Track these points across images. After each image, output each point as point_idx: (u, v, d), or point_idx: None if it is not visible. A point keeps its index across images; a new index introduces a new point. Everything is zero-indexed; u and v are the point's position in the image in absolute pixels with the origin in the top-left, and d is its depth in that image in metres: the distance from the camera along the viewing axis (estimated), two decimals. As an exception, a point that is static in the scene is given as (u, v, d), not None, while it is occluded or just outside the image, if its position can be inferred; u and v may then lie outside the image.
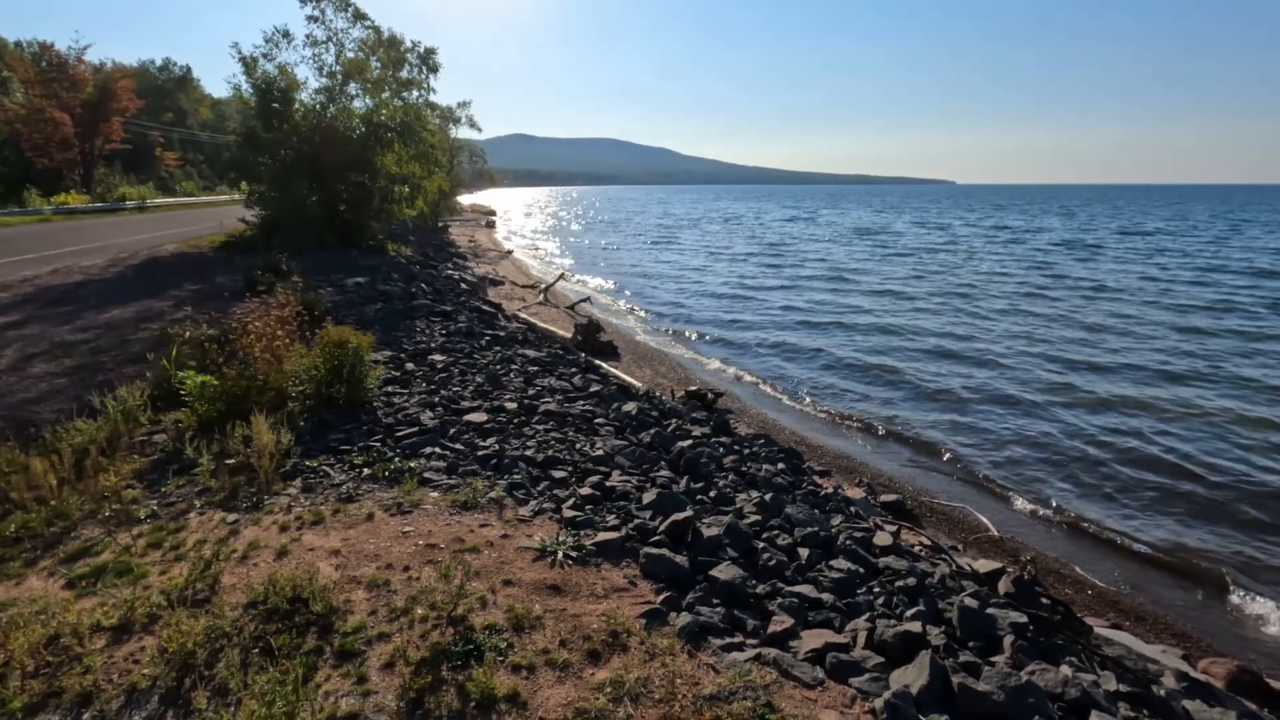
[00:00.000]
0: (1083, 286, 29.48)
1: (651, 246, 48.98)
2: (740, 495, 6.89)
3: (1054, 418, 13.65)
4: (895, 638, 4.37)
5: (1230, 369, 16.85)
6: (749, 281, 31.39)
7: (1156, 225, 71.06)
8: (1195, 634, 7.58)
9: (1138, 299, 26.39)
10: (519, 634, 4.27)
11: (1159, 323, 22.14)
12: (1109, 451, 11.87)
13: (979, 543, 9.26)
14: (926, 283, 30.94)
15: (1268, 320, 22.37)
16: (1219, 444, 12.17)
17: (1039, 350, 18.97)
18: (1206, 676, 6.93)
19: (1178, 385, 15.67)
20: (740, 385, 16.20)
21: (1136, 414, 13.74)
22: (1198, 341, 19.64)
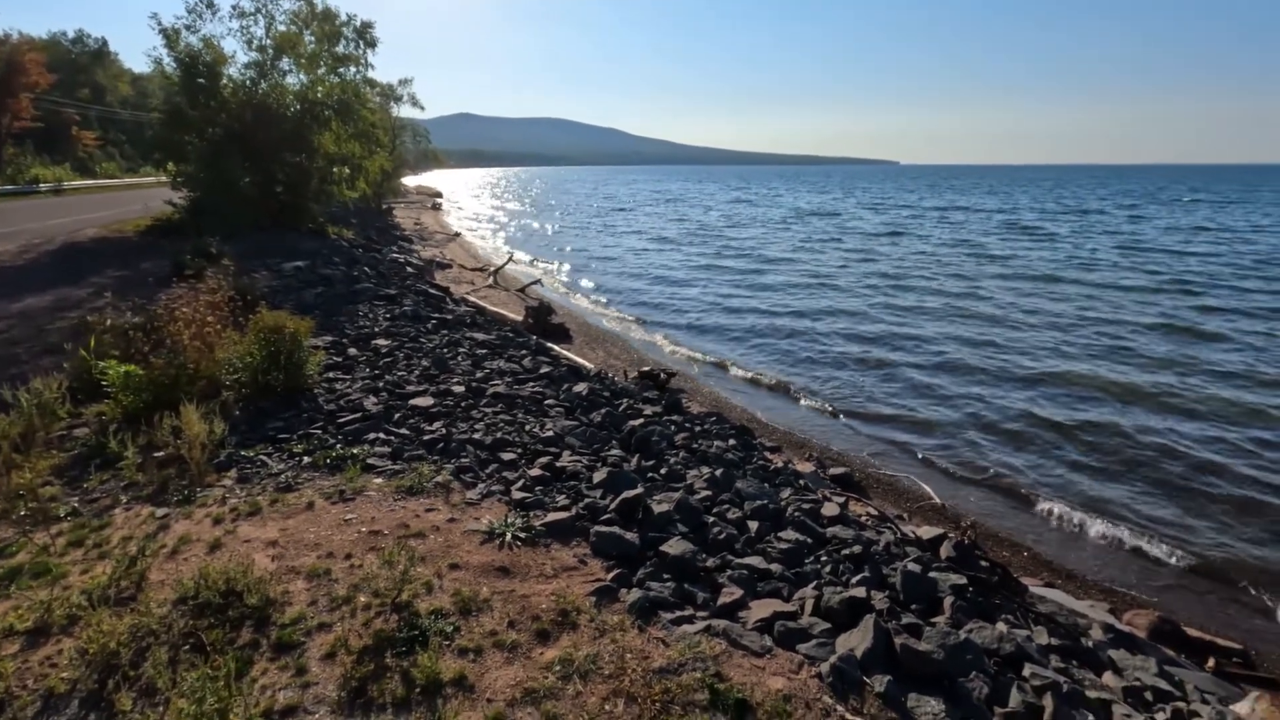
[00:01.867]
0: (1016, 266, 30.57)
1: (602, 228, 48.57)
2: (691, 472, 6.92)
3: (992, 392, 14.18)
4: (841, 604, 4.47)
5: (1151, 344, 17.79)
6: (699, 263, 31.45)
7: (1095, 204, 73.93)
8: (1121, 589, 8.00)
9: (1068, 277, 27.53)
10: (466, 617, 4.19)
11: (1087, 299, 23.16)
12: (1042, 423, 12.40)
13: (923, 510, 9.57)
14: (873, 264, 31.59)
15: (1178, 300, 23.65)
16: (1144, 412, 12.85)
17: (982, 329, 19.63)
18: (1130, 627, 7.35)
19: (1105, 360, 16.44)
20: (693, 365, 16.28)
21: (1066, 387, 14.38)
22: (1125, 318, 20.64)
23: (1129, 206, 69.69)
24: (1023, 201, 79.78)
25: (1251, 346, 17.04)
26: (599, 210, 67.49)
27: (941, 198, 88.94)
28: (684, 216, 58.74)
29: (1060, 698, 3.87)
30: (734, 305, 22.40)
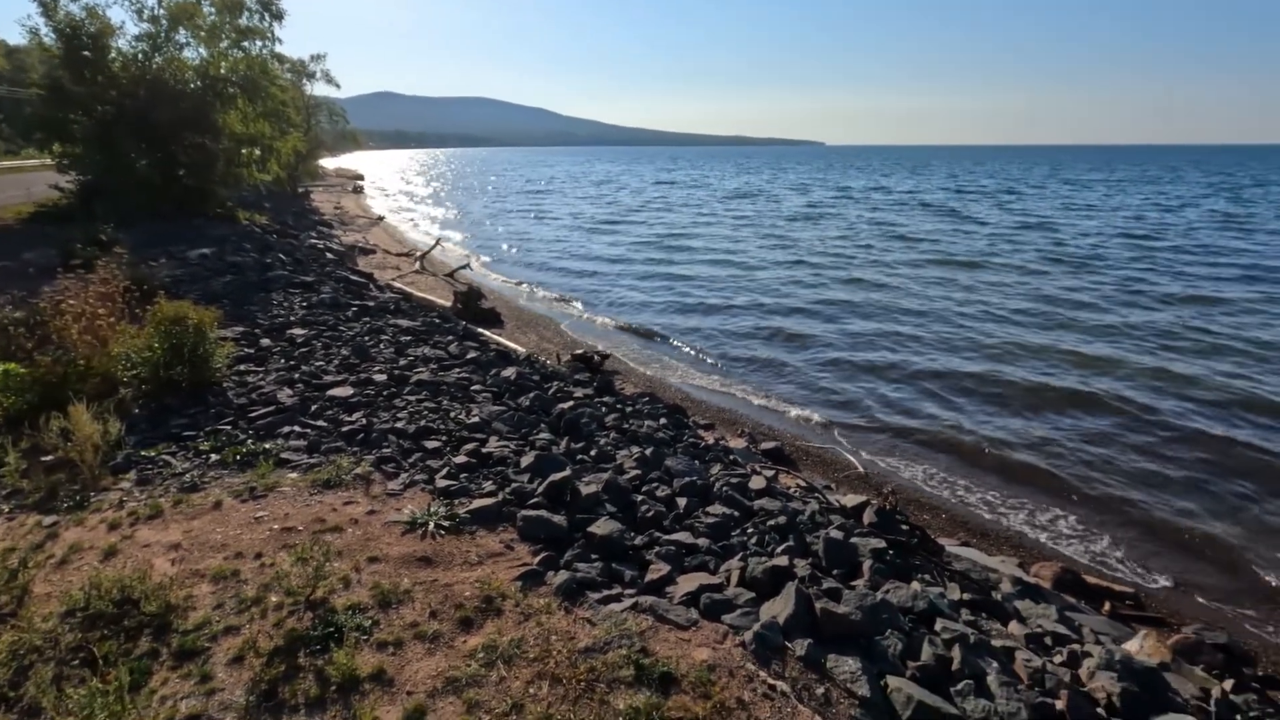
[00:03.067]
0: (928, 246, 31.84)
1: (533, 211, 47.65)
2: (621, 452, 6.93)
3: (912, 365, 14.78)
4: (764, 573, 4.57)
5: (1053, 319, 18.91)
6: (632, 246, 31.29)
7: (993, 184, 77.50)
8: (1029, 544, 8.51)
9: (974, 253, 28.89)
10: (385, 610, 4.07)
11: (987, 270, 24.40)
12: (960, 392, 13.03)
13: (849, 480, 9.90)
14: (802, 243, 32.26)
15: (1049, 268, 25.22)
16: (1044, 377, 13.67)
17: (898, 307, 20.38)
18: (1037, 579, 7.84)
19: (1010, 326, 17.39)
20: (627, 346, 16.27)
21: (983, 360, 15.16)
22: (1024, 289, 21.84)
23: (1038, 186, 73.46)
24: (936, 181, 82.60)
25: (1124, 316, 18.33)
26: (529, 192, 66.10)
27: (868, 178, 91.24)
28: (615, 198, 58.22)
29: (967, 648, 4.08)
30: (667, 287, 22.48)
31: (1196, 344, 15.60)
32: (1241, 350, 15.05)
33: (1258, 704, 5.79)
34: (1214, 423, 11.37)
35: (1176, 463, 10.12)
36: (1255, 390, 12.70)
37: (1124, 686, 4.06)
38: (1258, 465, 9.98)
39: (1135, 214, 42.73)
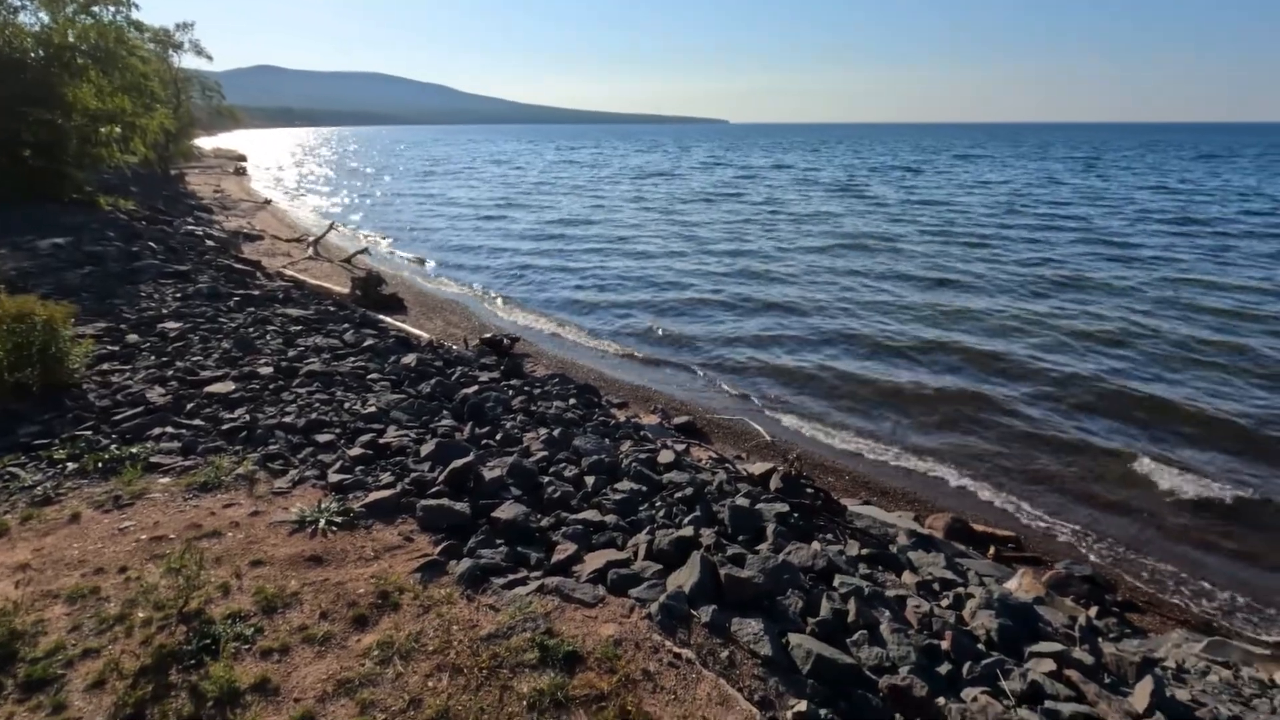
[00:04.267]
0: (823, 224, 33.06)
1: (435, 192, 45.68)
2: (529, 435, 6.80)
3: (817, 337, 15.36)
4: (671, 544, 4.60)
5: (939, 289, 20.09)
6: (539, 227, 30.64)
7: (888, 162, 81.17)
8: (924, 498, 9.03)
9: (870, 231, 30.25)
10: (270, 616, 3.81)
11: (890, 252, 25.64)
12: (860, 362, 13.65)
13: (758, 448, 10.18)
14: (703, 224, 32.64)
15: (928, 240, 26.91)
16: (933, 350, 14.52)
17: (810, 283, 21.06)
18: (930, 530, 8.34)
19: (905, 300, 18.34)
20: (539, 328, 16.03)
21: (875, 331, 15.94)
22: (906, 260, 23.09)
23: (926, 161, 77.48)
24: (836, 160, 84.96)
25: (1005, 287, 19.77)
26: (430, 173, 62.95)
27: (770, 156, 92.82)
28: (520, 179, 56.41)
29: (862, 600, 4.27)
30: (578, 269, 22.20)
31: (1068, 312, 16.99)
32: (1107, 314, 16.54)
33: (1117, 625, 6.42)
34: (1076, 376, 12.46)
35: (1044, 420, 11.01)
36: (1105, 355, 14.01)
37: (1000, 622, 4.37)
38: (1111, 410, 11.04)
39: (1016, 190, 45.86)
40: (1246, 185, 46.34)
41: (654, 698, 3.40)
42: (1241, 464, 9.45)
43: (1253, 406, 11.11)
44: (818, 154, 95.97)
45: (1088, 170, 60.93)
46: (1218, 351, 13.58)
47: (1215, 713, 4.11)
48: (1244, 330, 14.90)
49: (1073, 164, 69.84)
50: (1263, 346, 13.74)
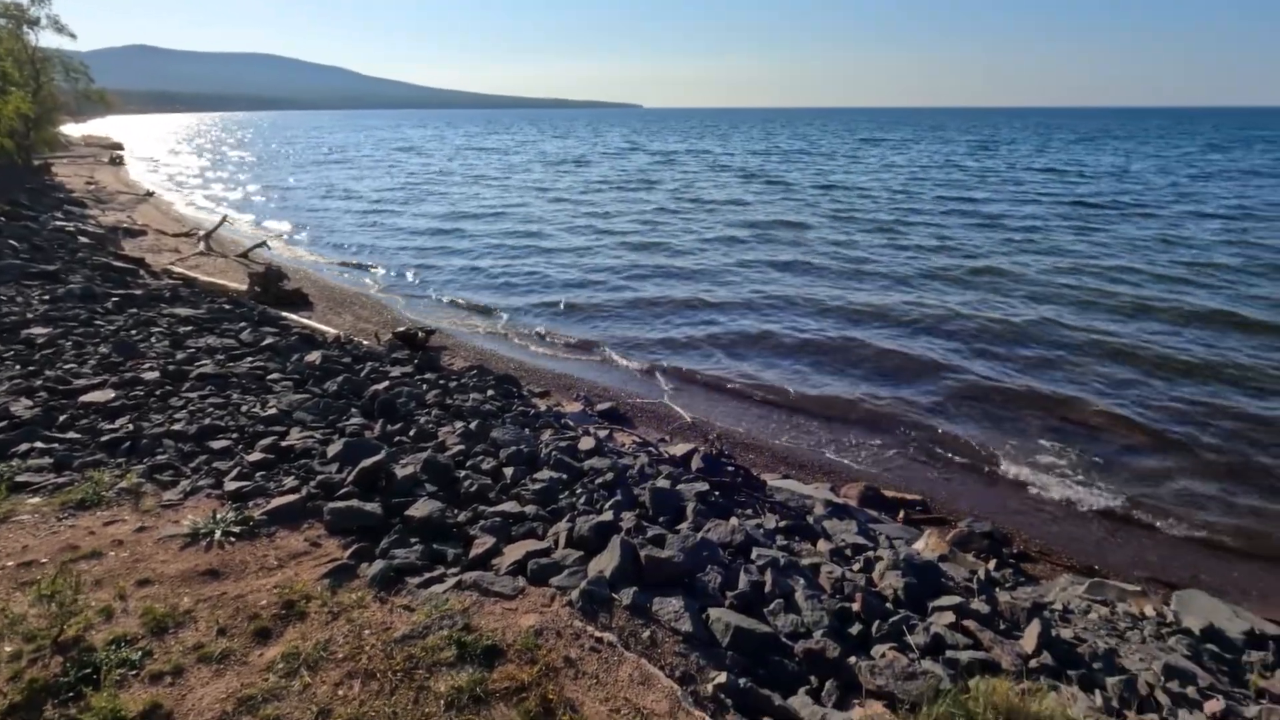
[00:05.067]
0: (733, 209, 33.73)
1: (336, 181, 42.98)
2: (444, 429, 6.61)
3: (734, 321, 15.68)
4: (591, 530, 4.59)
5: (841, 260, 20.92)
6: (450, 217, 29.54)
7: (799, 147, 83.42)
8: (839, 468, 9.41)
9: (779, 215, 31.10)
10: (161, 637, 3.54)
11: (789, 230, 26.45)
12: (773, 345, 14.06)
13: (680, 430, 10.31)
14: (625, 212, 32.60)
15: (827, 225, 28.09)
16: (852, 329, 15.13)
17: (735, 270, 21.40)
18: (845, 498, 8.70)
19: (815, 281, 19.00)
20: (455, 320, 15.60)
21: (784, 312, 16.44)
22: (820, 238, 23.93)
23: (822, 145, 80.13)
24: (748, 145, 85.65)
25: (915, 268, 20.83)
26: (330, 162, 58.71)
27: (685, 141, 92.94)
28: (428, 168, 53.32)
29: (778, 570, 4.41)
30: (493, 259, 21.71)
31: (959, 291, 18.05)
32: (989, 286, 17.68)
33: (1013, 575, 6.92)
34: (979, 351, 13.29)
35: (944, 388, 11.69)
36: (995, 325, 15.01)
37: (906, 581, 4.62)
38: (997, 387, 11.85)
39: (912, 174, 48.15)
40: (1115, 164, 50.55)
41: (576, 684, 3.39)
42: (1120, 423, 10.34)
43: (1139, 394, 12.18)
44: (730, 139, 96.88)
45: (982, 152, 64.71)
46: (1106, 331, 14.79)
47: (1094, 647, 4.49)
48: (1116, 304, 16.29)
49: (970, 146, 73.96)
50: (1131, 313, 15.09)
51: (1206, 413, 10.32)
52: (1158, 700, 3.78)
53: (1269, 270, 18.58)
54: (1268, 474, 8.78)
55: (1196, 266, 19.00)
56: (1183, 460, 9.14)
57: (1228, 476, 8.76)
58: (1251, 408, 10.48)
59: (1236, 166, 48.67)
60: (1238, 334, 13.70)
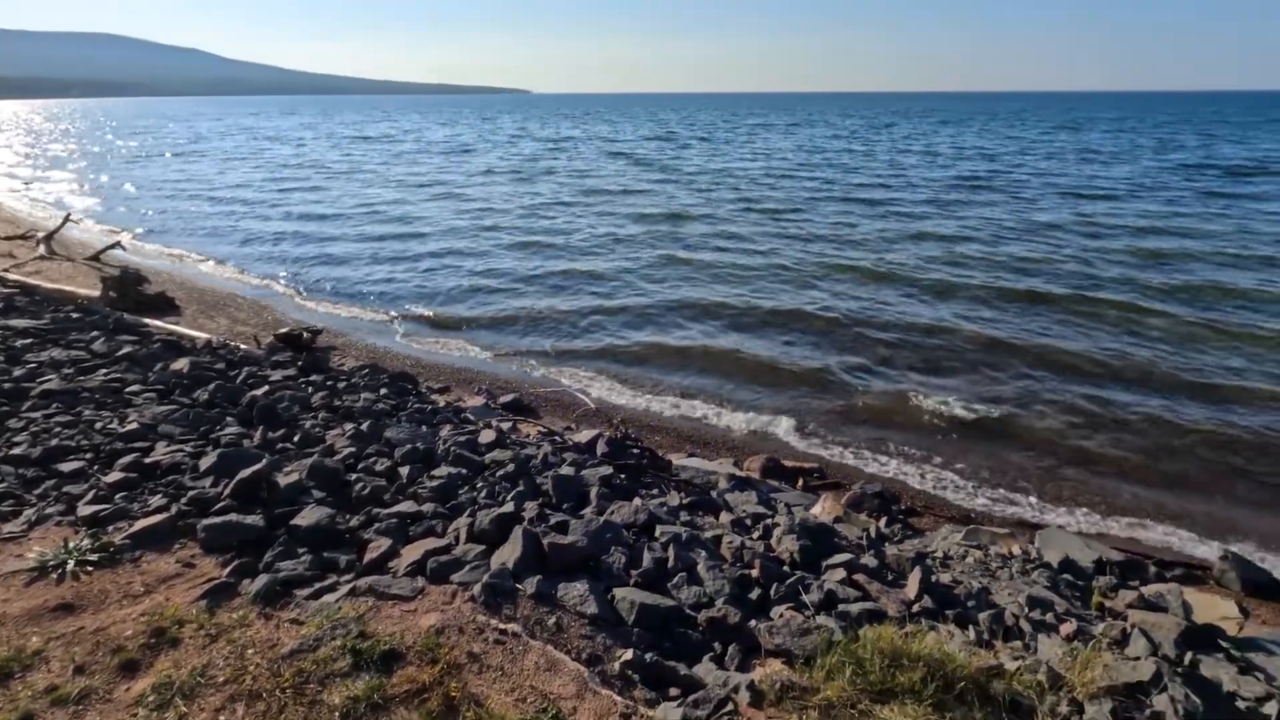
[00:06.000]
0: (626, 197, 33.97)
1: (200, 175, 39.14)
2: (332, 432, 6.27)
3: (631, 303, 15.80)
4: (492, 523, 4.51)
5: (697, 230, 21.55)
6: (334, 210, 27.74)
7: (686, 132, 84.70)
8: (742, 444, 9.72)
9: (672, 203, 31.60)
10: (5, 684, 3.16)
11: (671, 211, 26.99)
12: (671, 323, 14.29)
13: (586, 417, 10.31)
14: (517, 202, 32.03)
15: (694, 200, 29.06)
16: (746, 312, 15.60)
17: (632, 256, 21.47)
18: (748, 472, 9.01)
19: (708, 261, 19.45)
20: (345, 319, 14.84)
21: (680, 295, 16.75)
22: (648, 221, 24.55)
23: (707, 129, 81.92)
24: (638, 130, 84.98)
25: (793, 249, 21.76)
26: (191, 153, 53.27)
27: (577, 127, 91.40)
28: (303, 159, 49.17)
29: (680, 545, 4.51)
30: (384, 253, 20.67)
31: (836, 267, 19.03)
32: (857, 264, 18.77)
33: (901, 530, 7.41)
34: (859, 321, 14.09)
35: (840, 364, 12.32)
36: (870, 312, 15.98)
37: (801, 544, 4.85)
38: (891, 350, 12.63)
39: (801, 161, 50.11)
40: (977, 146, 54.73)
41: (481, 678, 3.33)
42: (990, 383, 11.26)
43: (1005, 331, 13.27)
44: (620, 124, 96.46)
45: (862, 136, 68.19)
46: (975, 288, 16.02)
47: (969, 587, 4.90)
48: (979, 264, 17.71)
49: (848, 128, 77.74)
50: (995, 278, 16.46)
51: (1062, 380, 11.40)
52: (1021, 628, 4.17)
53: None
54: (1120, 426, 9.81)
55: (1055, 244, 20.97)
56: (1043, 418, 10.07)
57: (1084, 431, 9.73)
58: (1100, 377, 11.71)
59: (1073, 146, 53.98)
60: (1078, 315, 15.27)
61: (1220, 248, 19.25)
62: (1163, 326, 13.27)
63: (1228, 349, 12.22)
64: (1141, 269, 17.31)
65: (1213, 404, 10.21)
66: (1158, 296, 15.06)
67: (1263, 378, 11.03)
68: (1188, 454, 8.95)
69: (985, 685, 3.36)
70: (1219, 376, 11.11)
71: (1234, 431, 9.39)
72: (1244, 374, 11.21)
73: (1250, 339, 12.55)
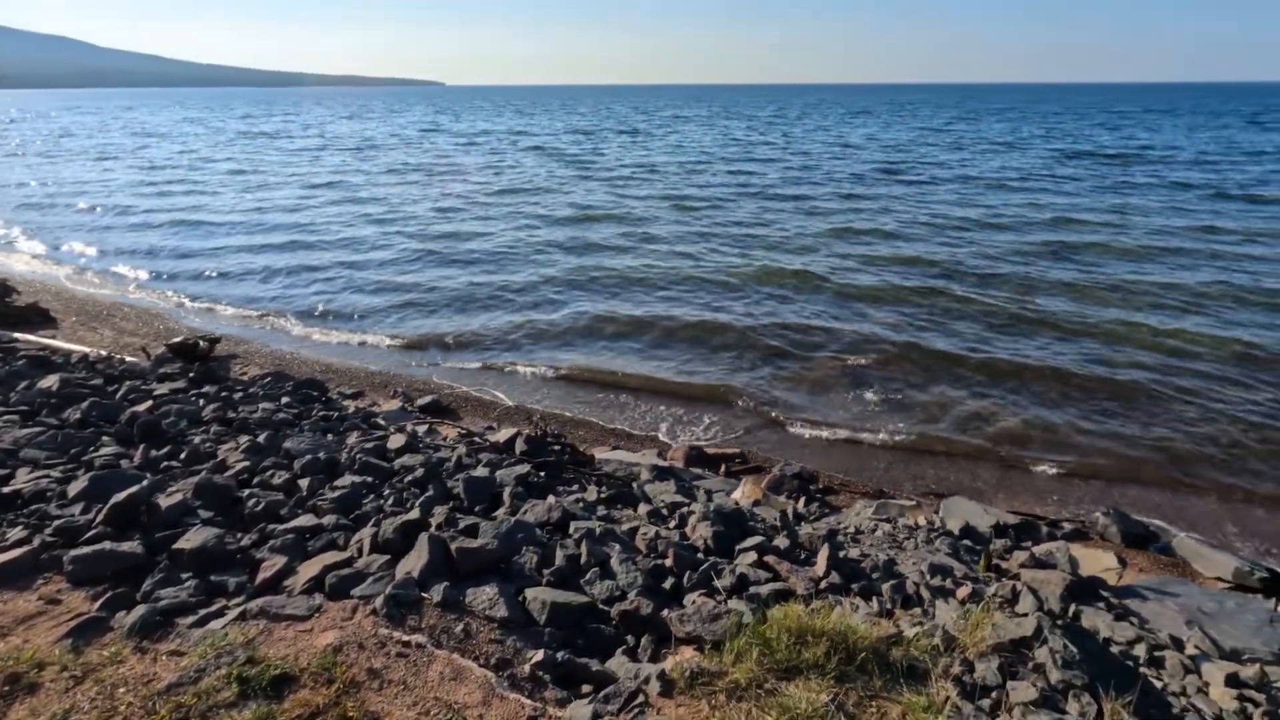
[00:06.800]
0: (545, 196, 33.60)
1: (71, 176, 35.11)
2: (225, 446, 5.88)
3: (553, 298, 15.63)
4: (396, 531, 4.33)
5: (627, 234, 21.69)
6: (227, 211, 25.72)
7: (603, 125, 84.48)
8: (666, 435, 9.77)
9: (587, 202, 31.46)
10: None
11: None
12: (588, 321, 14.22)
13: (507, 415, 10.13)
14: (425, 203, 31.02)
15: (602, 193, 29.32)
16: (663, 301, 15.69)
17: (549, 257, 21.16)
18: (671, 461, 9.06)
19: (623, 259, 19.47)
20: (246, 326, 14.02)
21: (607, 288, 16.72)
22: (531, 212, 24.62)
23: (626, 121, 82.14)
24: (553, 124, 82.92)
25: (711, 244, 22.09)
26: (61, 152, 48.00)
27: (490, 121, 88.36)
28: (189, 157, 45.37)
29: (593, 540, 4.47)
30: (285, 256, 19.50)
31: (734, 255, 19.45)
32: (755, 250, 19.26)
33: (819, 508, 7.65)
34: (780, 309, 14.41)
35: (752, 354, 12.58)
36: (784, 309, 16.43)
37: (715, 529, 4.90)
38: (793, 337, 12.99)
39: (724, 153, 50.82)
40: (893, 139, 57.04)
41: (381, 694, 3.19)
42: (897, 368, 11.75)
43: (899, 317, 13.86)
44: (537, 118, 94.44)
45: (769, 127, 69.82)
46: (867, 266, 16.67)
47: (876, 560, 5.09)
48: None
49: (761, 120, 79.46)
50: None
51: (969, 349, 12.05)
52: (921, 595, 4.36)
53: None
54: (1022, 393, 10.44)
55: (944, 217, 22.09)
56: (950, 393, 10.59)
57: (986, 402, 10.29)
58: (1003, 351, 12.42)
59: (976, 134, 57.12)
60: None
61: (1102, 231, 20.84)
62: (1045, 306, 14.24)
63: (1108, 334, 13.23)
64: (1032, 263, 18.50)
65: (1092, 367, 11.03)
66: (1030, 283, 16.16)
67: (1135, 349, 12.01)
68: (1072, 425, 9.62)
69: (885, 653, 3.48)
70: (1097, 350, 12.02)
71: (1108, 401, 10.19)
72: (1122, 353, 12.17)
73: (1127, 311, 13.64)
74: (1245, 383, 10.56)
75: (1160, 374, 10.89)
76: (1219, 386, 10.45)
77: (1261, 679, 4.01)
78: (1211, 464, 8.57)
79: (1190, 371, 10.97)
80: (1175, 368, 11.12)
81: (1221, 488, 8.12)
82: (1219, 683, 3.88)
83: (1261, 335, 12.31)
